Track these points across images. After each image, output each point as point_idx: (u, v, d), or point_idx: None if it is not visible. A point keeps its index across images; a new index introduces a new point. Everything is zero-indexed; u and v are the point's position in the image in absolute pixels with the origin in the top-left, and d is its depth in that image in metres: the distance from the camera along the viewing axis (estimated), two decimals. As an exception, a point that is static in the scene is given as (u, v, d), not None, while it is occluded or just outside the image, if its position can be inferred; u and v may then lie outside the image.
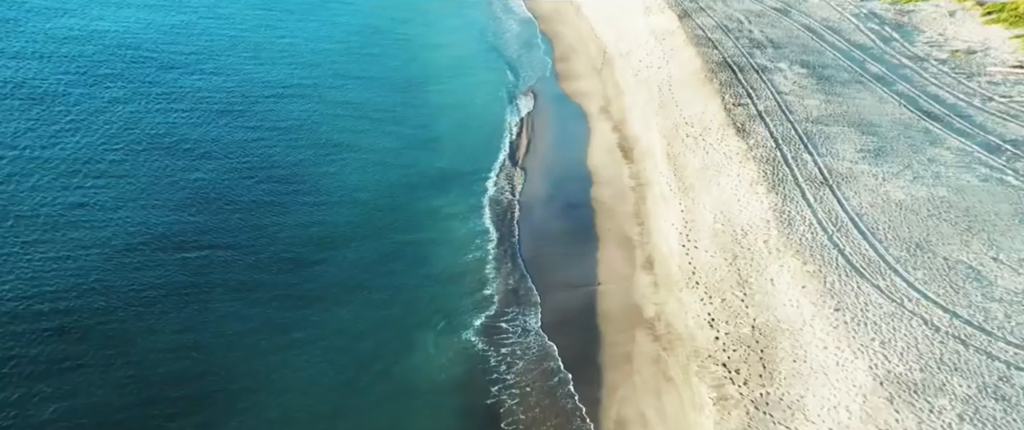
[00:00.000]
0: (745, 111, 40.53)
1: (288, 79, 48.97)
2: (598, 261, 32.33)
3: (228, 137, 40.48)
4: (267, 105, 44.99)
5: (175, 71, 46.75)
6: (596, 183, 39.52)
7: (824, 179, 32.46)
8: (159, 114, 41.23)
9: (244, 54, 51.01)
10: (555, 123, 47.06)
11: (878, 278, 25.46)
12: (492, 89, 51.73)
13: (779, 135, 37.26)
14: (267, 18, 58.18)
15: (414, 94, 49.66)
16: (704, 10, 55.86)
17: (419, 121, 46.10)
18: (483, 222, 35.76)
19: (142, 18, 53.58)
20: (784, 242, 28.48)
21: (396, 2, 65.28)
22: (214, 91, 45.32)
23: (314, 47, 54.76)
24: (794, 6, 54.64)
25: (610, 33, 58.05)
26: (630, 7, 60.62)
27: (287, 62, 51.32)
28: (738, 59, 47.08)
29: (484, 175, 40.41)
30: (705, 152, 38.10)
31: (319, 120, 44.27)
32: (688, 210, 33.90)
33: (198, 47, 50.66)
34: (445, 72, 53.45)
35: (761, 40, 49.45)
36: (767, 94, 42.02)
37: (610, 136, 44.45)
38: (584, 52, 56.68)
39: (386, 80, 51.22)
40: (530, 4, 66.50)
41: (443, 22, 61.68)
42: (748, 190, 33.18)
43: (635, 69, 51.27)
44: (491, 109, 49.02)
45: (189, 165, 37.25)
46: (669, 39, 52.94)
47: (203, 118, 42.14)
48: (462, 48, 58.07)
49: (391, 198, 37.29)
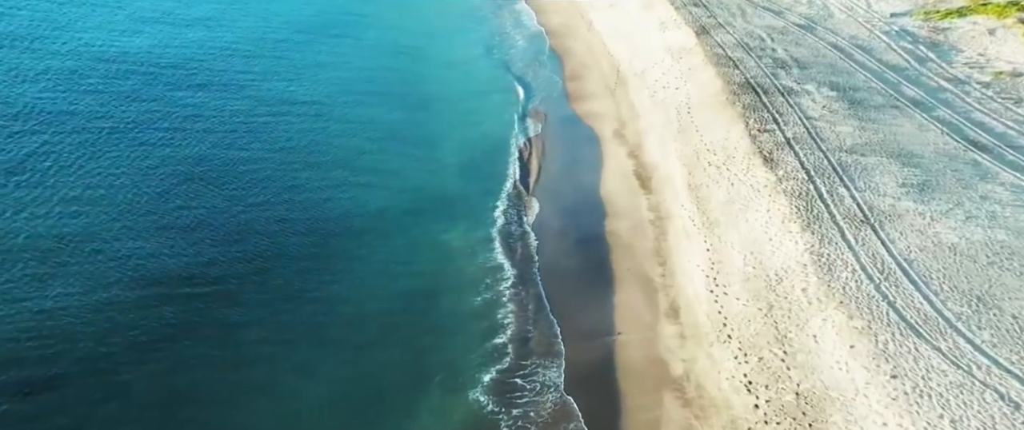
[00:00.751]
0: (772, 138, 37.70)
1: (289, 96, 46.34)
2: (617, 306, 29.53)
3: (221, 156, 38.00)
4: (267, 123, 42.50)
5: (181, 90, 44.04)
6: (612, 215, 36.74)
7: (864, 217, 29.58)
8: (151, 131, 38.58)
9: (246, 70, 48.32)
10: (566, 146, 44.34)
11: (938, 339, 22.55)
12: (500, 109, 49.04)
13: (811, 166, 34.41)
14: (270, 32, 55.44)
15: (420, 113, 47.03)
16: (723, 26, 53.08)
17: (425, 142, 43.53)
18: (494, 257, 33.16)
19: (148, 34, 50.88)
20: (825, 291, 25.59)
21: (402, 18, 62.45)
22: (212, 109, 42.66)
23: (315, 60, 52.08)
24: (819, 23, 51.82)
25: (623, 50, 55.30)
26: (644, 22, 57.88)
27: (288, 79, 48.59)
28: (761, 80, 44.26)
29: (493, 203, 37.84)
30: (730, 183, 35.25)
31: (319, 140, 41.81)
32: (714, 249, 31.03)
33: (192, 63, 47.92)
34: (452, 90, 50.77)
35: (785, 59, 46.64)
36: (795, 119, 39.19)
37: (625, 162, 41.64)
38: (596, 70, 53.93)
39: (392, 98, 48.62)
40: (541, 18, 63.79)
41: (451, 38, 59.01)
42: (780, 228, 30.31)
43: (651, 89, 48.48)
44: (499, 130, 46.32)
45: (171, 189, 34.55)
46: (686, 57, 50.14)
47: (194, 137, 39.45)
48: (470, 65, 55.40)
49: (395, 228, 34.71)
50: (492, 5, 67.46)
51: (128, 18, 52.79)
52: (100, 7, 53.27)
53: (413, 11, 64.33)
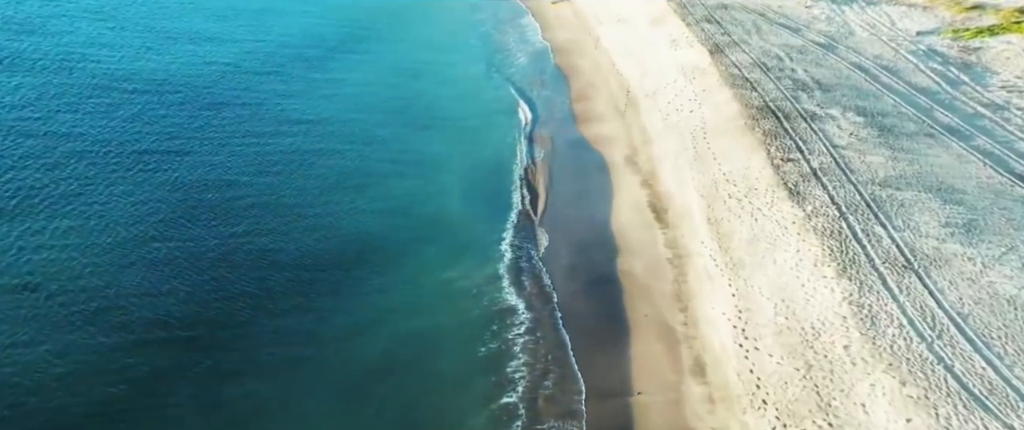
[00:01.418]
0: (796, 168, 35.02)
1: (281, 115, 44.00)
2: (635, 359, 26.78)
3: (206, 181, 35.60)
4: (256, 145, 40.19)
5: (162, 109, 41.50)
6: (625, 251, 34.01)
7: (907, 262, 26.84)
8: (132, 155, 35.90)
9: (238, 90, 45.85)
10: (574, 173, 41.72)
11: (1010, 414, 19.79)
12: (504, 131, 46.48)
13: (842, 200, 31.70)
14: (262, 49, 52.89)
15: (420, 135, 44.54)
16: (738, 44, 50.46)
17: (426, 167, 41.06)
18: (503, 298, 30.65)
19: (136, 52, 48.28)
20: (871, 350, 22.83)
21: (402, 33, 59.89)
22: (201, 130, 40.35)
23: (311, 79, 49.57)
24: (840, 41, 49.21)
25: (633, 69, 52.68)
26: (654, 40, 55.30)
27: (282, 97, 46.11)
28: (782, 104, 41.61)
29: (499, 235, 35.30)
30: (753, 218, 32.53)
31: (311, 164, 39.55)
32: (741, 294, 28.28)
33: (177, 81, 45.33)
34: (454, 110, 48.28)
35: (806, 81, 44.00)
36: (820, 148, 36.52)
37: (638, 192, 38.94)
38: (605, 90, 51.28)
39: (390, 119, 46.25)
40: (546, 34, 61.26)
41: (453, 54, 56.52)
42: (812, 272, 27.58)
43: (663, 112, 45.82)
44: (503, 155, 43.77)
45: (149, 219, 31.92)
46: (700, 78, 47.50)
47: (176, 163, 36.94)
48: (473, 84, 52.84)
49: (394, 262, 32.19)
50: (496, 20, 65.03)
51: (121, 33, 50.25)
52: (78, 21, 50.68)
53: (414, 26, 61.88)
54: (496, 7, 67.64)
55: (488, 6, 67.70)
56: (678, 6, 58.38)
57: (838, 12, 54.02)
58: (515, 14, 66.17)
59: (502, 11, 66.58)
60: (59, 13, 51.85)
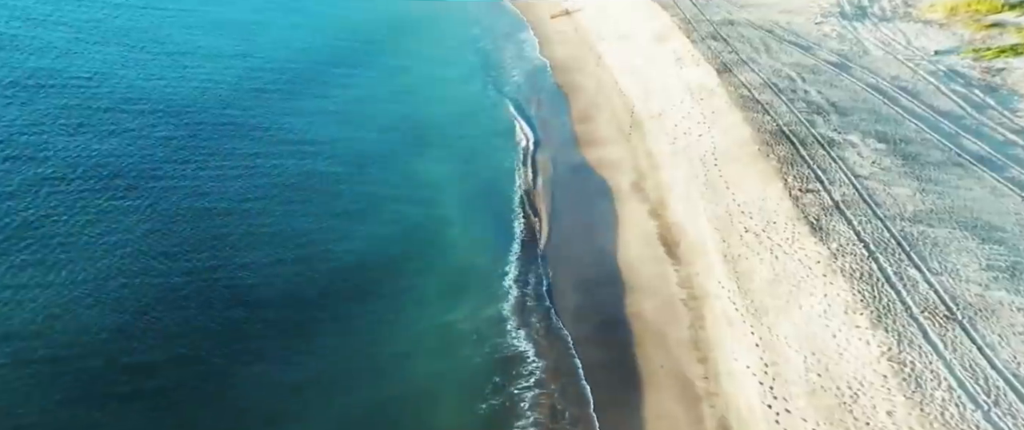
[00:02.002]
0: (817, 200, 32.69)
1: (266, 135, 41.47)
2: (649, 420, 24.26)
3: (188, 207, 33.24)
4: (242, 167, 37.93)
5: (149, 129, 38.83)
6: (634, 289, 31.62)
7: (949, 312, 24.48)
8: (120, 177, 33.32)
9: (226, 110, 43.26)
10: (578, 202, 39.35)
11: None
12: (502, 154, 44.14)
13: (869, 238, 29.37)
14: (252, 66, 50.39)
15: (415, 159, 42.00)
16: (746, 63, 48.18)
17: (421, 194, 38.71)
18: (510, 343, 28.00)
19: (121, 65, 45.71)
20: (920, 418, 20.45)
21: (397, 49, 57.44)
22: (186, 150, 37.83)
23: (301, 93, 47.23)
24: (854, 60, 46.99)
25: (637, 88, 50.35)
26: (659, 57, 53.02)
27: (267, 114, 43.54)
28: (796, 128, 39.31)
29: (502, 269, 33.05)
30: (774, 256, 30.14)
31: (298, 188, 37.38)
32: (766, 344, 25.87)
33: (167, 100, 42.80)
34: (449, 131, 45.90)
35: (821, 104, 41.73)
36: (841, 177, 34.21)
37: (647, 223, 36.56)
38: (608, 110, 48.93)
39: (385, 141, 43.69)
40: (546, 50, 58.92)
41: (449, 71, 54.10)
42: (844, 321, 25.21)
43: (670, 135, 43.48)
44: (502, 180, 41.50)
45: (121, 252, 29.35)
46: (709, 99, 45.18)
47: (155, 190, 34.39)
48: (470, 102, 50.43)
49: (387, 301, 29.91)
50: (494, 34, 62.64)
51: (97, 46, 47.75)
52: (51, 33, 48.14)
53: (409, 41, 59.40)
54: (495, 20, 65.39)
55: (486, 19, 65.43)
56: (682, 22, 56.17)
57: (850, 29, 51.83)
58: (514, 28, 63.89)
59: (501, 25, 64.29)
60: (29, 27, 49.21)
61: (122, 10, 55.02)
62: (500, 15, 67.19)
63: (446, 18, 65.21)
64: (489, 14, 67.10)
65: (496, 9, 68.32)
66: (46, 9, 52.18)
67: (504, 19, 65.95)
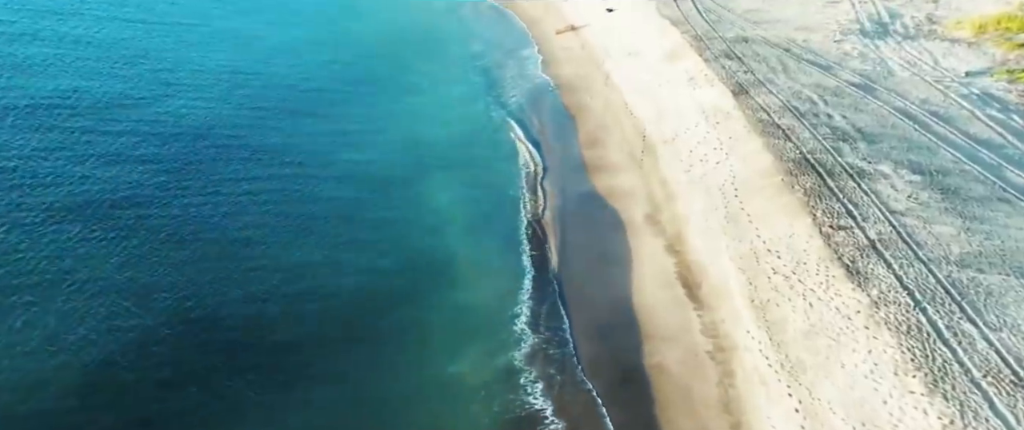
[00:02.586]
0: (850, 239, 30.07)
1: (256, 156, 39.09)
2: (680, 498, 21.50)
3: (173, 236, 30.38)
4: (228, 189, 35.55)
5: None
6: (655, 337, 29.05)
7: (1016, 377, 21.76)
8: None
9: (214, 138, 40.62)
10: (589, 234, 36.86)
11: None
12: (507, 181, 41.74)
13: (913, 284, 26.72)
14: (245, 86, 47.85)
15: (415, 185, 39.54)
16: (763, 84, 45.60)
17: (421, 223, 36.28)
18: (524, 400, 25.37)
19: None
20: (995, 512, 17.68)
21: (395, 66, 54.84)
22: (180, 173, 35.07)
23: (295, 111, 44.80)
24: (878, 82, 44.40)
25: (648, 109, 47.77)
26: (670, 77, 50.44)
27: (258, 132, 41.05)
28: (821, 156, 36.72)
29: (511, 310, 30.55)
30: (808, 303, 27.48)
31: (287, 215, 35.03)
32: (806, 410, 23.23)
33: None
34: (451, 155, 43.43)
35: (846, 130, 39.14)
36: (875, 213, 31.57)
37: (664, 260, 33.97)
38: (618, 133, 46.34)
39: (382, 163, 41.31)
40: (551, 69, 56.40)
41: (449, 90, 51.46)
42: (895, 384, 22.56)
43: (685, 162, 40.88)
44: (508, 211, 39.12)
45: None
46: (725, 123, 42.60)
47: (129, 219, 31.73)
48: (473, 124, 47.89)
49: (384, 352, 27.39)
50: (497, 51, 59.91)
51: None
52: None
53: (408, 58, 56.76)
54: (498, 35, 62.78)
55: (489, 34, 62.83)
56: (694, 39, 53.66)
57: (872, 48, 49.30)
58: (518, 44, 61.31)
59: (505, 40, 61.68)
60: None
61: (105, 24, 52.46)
62: (504, 29, 64.65)
63: (448, 33, 62.69)
64: (493, 28, 64.61)
65: (500, 23, 65.81)
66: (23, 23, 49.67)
67: (508, 34, 63.40)
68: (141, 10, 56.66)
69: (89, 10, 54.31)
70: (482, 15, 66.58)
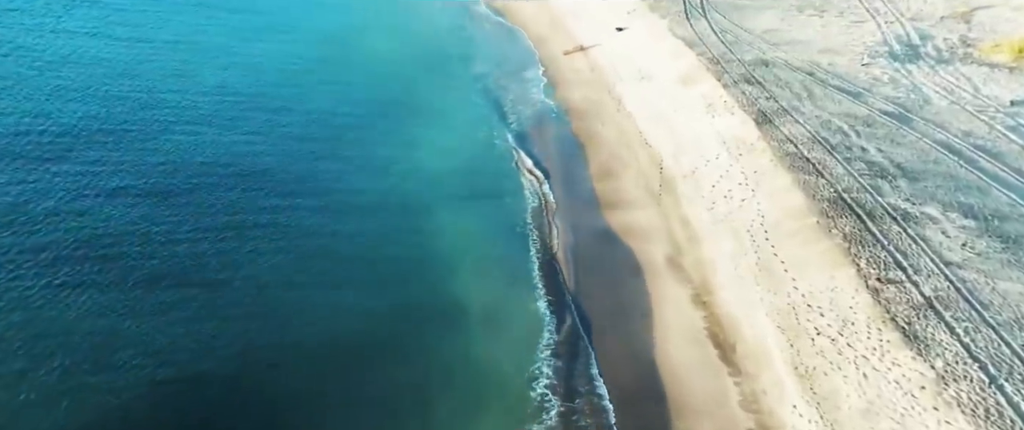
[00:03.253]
0: (902, 295, 26.84)
1: (243, 182, 35.99)
2: None
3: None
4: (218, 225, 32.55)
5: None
6: (688, 409, 26.04)
7: (1123, 480, 18.38)
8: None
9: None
10: (605, 280, 33.79)
11: None
12: (515, 217, 38.75)
13: (984, 354, 23.53)
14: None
15: (417, 221, 36.39)
16: (788, 112, 42.40)
17: (428, 268, 33.02)
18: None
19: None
20: None
21: (395, 87, 51.53)
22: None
23: (291, 135, 41.60)
24: (914, 111, 41.23)
25: (664, 139, 44.55)
26: (686, 103, 47.25)
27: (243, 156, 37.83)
28: (859, 196, 33.53)
29: (529, 370, 27.42)
30: (861, 374, 24.24)
31: (268, 265, 31.29)
32: (872, 513, 19.74)
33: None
34: (454, 189, 40.12)
35: (883, 165, 35.96)
36: (927, 264, 28.33)
37: (691, 313, 30.71)
38: (632, 165, 43.07)
39: (381, 195, 38.26)
40: (560, 92, 53.19)
41: (452, 116, 48.13)
42: (976, 483, 19.09)
43: (708, 198, 37.67)
44: (517, 251, 36.10)
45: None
46: (749, 156, 39.40)
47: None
48: (476, 153, 44.64)
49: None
50: (502, 71, 56.42)
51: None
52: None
53: (409, 79, 53.32)
54: (504, 55, 59.36)
55: (495, 54, 59.43)
56: (710, 62, 50.48)
57: (903, 73, 46.16)
58: (524, 64, 58.04)
59: (511, 61, 58.34)
60: None
61: (98, 41, 49.34)
62: (510, 49, 61.29)
63: (453, 53, 59.29)
64: (499, 47, 61.26)
65: (507, 42, 62.47)
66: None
67: (515, 54, 60.04)
68: (128, 28, 53.50)
69: (65, 29, 51.15)
70: (488, 33, 63.41)
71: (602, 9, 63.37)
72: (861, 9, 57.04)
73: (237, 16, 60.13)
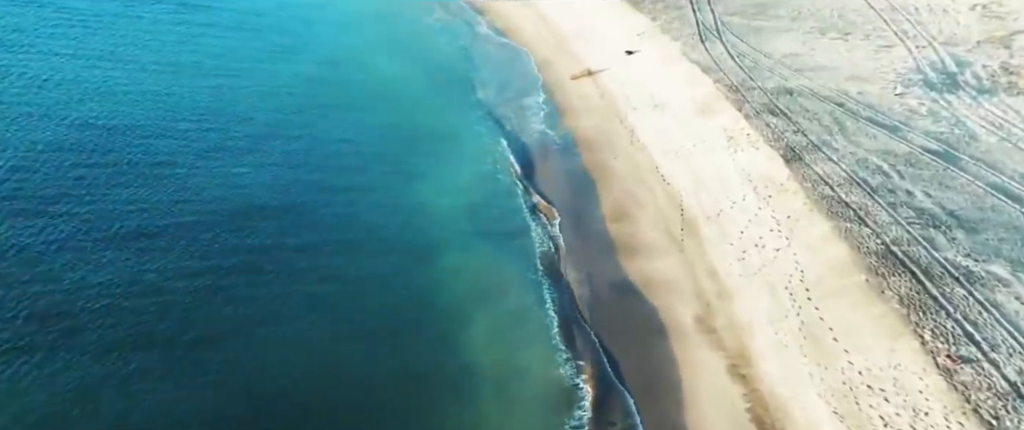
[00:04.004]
0: (982, 379, 23.24)
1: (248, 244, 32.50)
2: None
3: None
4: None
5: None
6: (733, 516, 21.68)
7: None
8: None
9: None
10: (628, 342, 30.21)
11: None
12: (523, 264, 35.52)
13: (1091, 461, 19.44)
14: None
15: (417, 271, 33.12)
16: (819, 148, 38.70)
17: (433, 326, 29.99)
18: None
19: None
20: None
21: (395, 115, 47.59)
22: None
23: (286, 165, 38.19)
24: (959, 148, 37.58)
25: (682, 174, 40.83)
26: (705, 135, 43.57)
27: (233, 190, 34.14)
28: (911, 249, 29.83)
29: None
30: (944, 480, 20.20)
31: (274, 324, 28.16)
32: None
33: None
34: (457, 232, 36.76)
35: (934, 212, 32.24)
36: (1006, 339, 24.64)
37: (728, 388, 27.01)
38: (650, 204, 39.29)
39: (379, 243, 34.62)
40: (567, 121, 49.34)
41: (454, 149, 44.22)
42: None
43: (737, 247, 33.93)
44: (528, 305, 32.65)
45: None
46: (779, 197, 35.71)
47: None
48: (480, 189, 40.85)
49: None
50: (504, 98, 52.43)
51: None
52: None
53: (410, 106, 49.34)
54: (509, 79, 55.29)
55: (497, 78, 55.30)
56: (729, 90, 46.77)
57: (942, 104, 42.51)
58: (527, 88, 54.15)
59: (514, 84, 54.38)
60: None
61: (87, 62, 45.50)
62: (514, 71, 57.25)
63: (456, 77, 55.25)
64: (503, 70, 57.23)
65: (512, 64, 58.47)
66: None
67: (520, 78, 55.96)
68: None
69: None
70: (492, 56, 59.48)
71: (610, 30, 59.68)
72: (888, 32, 53.44)
73: (237, 34, 56.26)
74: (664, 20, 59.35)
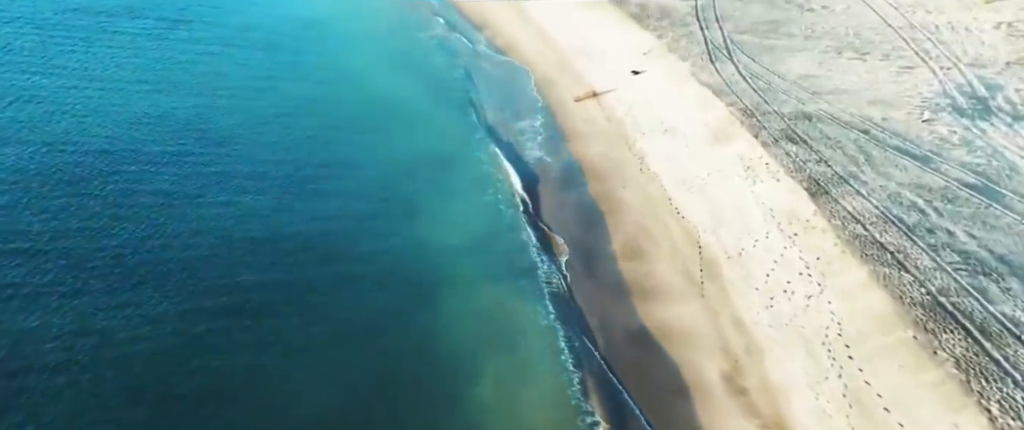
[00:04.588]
0: (1062, 463, 19.93)
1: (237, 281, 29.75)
2: None
3: None
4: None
5: None
6: None
7: None
8: None
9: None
10: (651, 405, 26.84)
11: None
12: (530, 308, 32.83)
13: None
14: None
15: (417, 317, 30.41)
16: (846, 181, 35.88)
17: (440, 382, 27.65)
18: None
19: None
20: None
21: (392, 139, 44.52)
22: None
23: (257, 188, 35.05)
24: (999, 182, 34.85)
25: (698, 207, 37.99)
26: (720, 165, 40.71)
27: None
28: (960, 301, 27.02)
29: None
30: None
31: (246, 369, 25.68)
32: None
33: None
34: (458, 268, 34.07)
35: (982, 257, 29.40)
36: (1082, 413, 21.50)
37: (767, 464, 23.71)
38: (664, 241, 36.39)
39: (376, 280, 32.14)
40: (572, 145, 46.34)
41: (452, 176, 41.26)
42: None
43: (763, 292, 31.08)
44: (537, 359, 30.34)
45: None
46: (806, 236, 32.92)
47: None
48: (481, 223, 37.90)
49: None
50: (504, 122, 49.36)
51: None
52: None
53: (406, 130, 46.22)
54: (508, 98, 52.30)
55: (498, 99, 52.23)
56: (743, 115, 43.90)
57: (976, 131, 39.75)
58: (527, 109, 51.11)
59: (516, 107, 51.24)
60: None
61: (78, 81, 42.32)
62: (515, 92, 54.16)
63: (452, 98, 52.20)
64: (504, 90, 54.12)
65: (511, 83, 55.39)
66: None
67: (520, 99, 52.95)
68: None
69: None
70: (491, 75, 56.42)
71: (615, 48, 56.78)
72: (908, 52, 50.72)
73: (224, 52, 53.12)
74: (671, 38, 56.49)
